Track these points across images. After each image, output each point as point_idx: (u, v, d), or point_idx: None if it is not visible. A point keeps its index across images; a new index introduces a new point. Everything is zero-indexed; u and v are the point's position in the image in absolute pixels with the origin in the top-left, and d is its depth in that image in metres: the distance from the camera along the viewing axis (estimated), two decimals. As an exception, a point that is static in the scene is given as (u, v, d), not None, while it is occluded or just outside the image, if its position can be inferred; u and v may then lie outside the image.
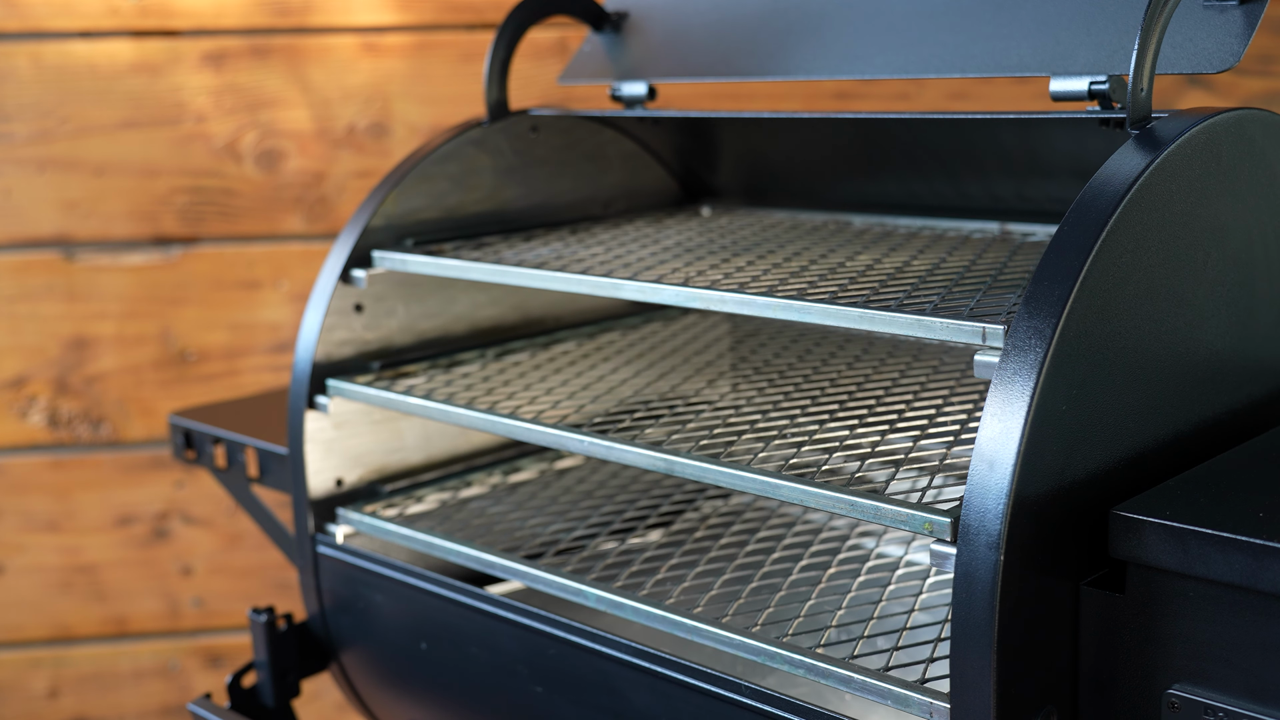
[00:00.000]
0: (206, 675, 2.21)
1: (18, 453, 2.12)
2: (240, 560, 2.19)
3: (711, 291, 1.10)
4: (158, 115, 2.07)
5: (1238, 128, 0.99)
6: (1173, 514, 0.85)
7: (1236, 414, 1.03)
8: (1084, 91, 1.06)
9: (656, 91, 1.47)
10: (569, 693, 1.14)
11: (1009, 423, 0.85)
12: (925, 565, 1.28)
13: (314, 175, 2.10)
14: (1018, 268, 1.15)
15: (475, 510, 1.40)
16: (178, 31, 2.06)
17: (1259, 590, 0.81)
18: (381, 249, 1.35)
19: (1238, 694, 0.84)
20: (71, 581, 2.17)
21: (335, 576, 1.34)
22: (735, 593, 1.17)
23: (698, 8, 1.45)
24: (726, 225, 1.46)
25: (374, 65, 2.08)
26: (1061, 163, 1.30)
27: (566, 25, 2.02)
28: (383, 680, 1.35)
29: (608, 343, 1.56)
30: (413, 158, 1.40)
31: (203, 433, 1.52)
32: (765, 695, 0.99)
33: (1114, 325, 0.90)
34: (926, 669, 0.96)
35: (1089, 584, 0.90)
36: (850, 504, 0.96)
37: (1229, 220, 1.00)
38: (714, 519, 1.42)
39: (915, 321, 0.98)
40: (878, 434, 1.16)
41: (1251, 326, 1.04)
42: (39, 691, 2.19)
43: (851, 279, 1.12)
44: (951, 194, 1.44)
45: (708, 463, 1.05)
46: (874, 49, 1.26)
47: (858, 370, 1.40)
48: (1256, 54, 2.07)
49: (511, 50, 1.44)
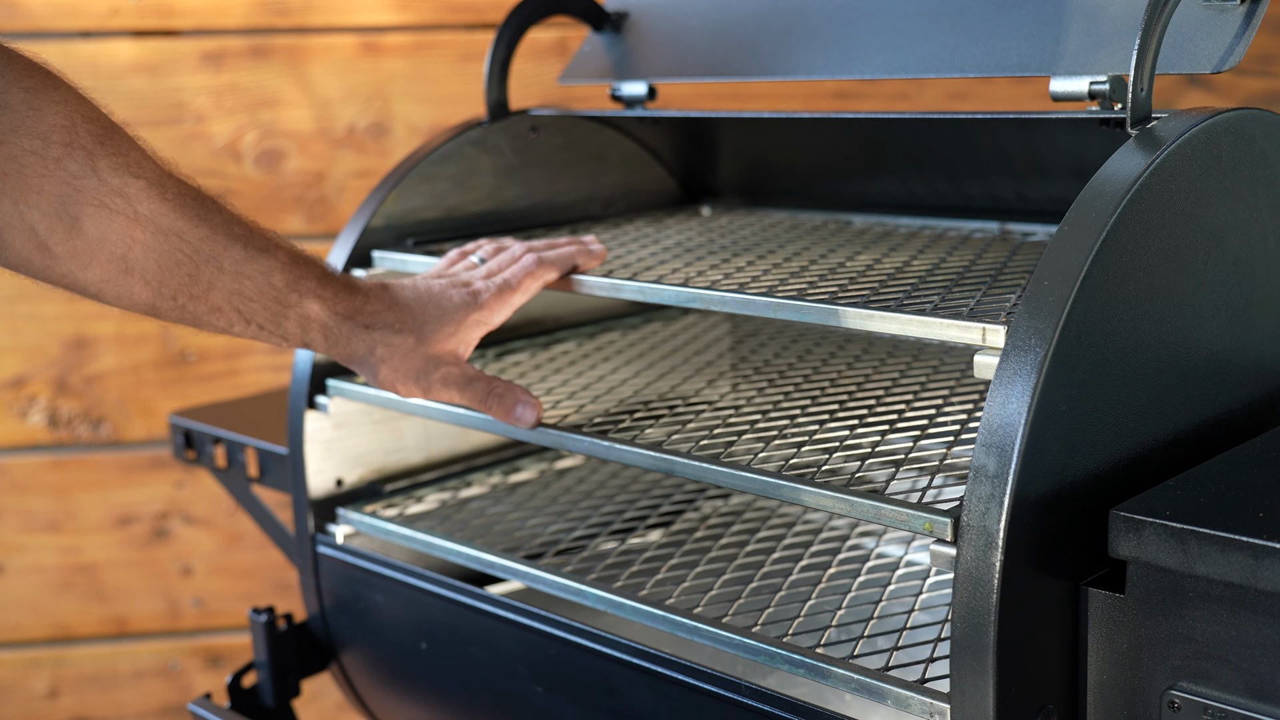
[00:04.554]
0: (206, 675, 2.21)
1: (18, 453, 2.12)
2: (240, 560, 2.19)
3: (710, 292, 1.10)
4: (158, 115, 2.07)
5: (1238, 128, 0.99)
6: (1173, 514, 0.85)
7: (1236, 414, 1.03)
8: (1084, 91, 1.06)
9: (656, 91, 1.47)
10: (569, 693, 1.14)
11: (1009, 422, 0.85)
12: (925, 565, 1.28)
13: (314, 175, 2.10)
14: (1017, 268, 1.15)
15: (475, 510, 1.40)
16: (178, 31, 2.06)
17: (1259, 590, 0.81)
18: (381, 249, 1.35)
19: (1238, 694, 0.84)
20: (71, 581, 2.17)
21: (335, 576, 1.34)
22: (735, 593, 1.18)
23: (698, 8, 1.45)
24: (726, 225, 1.46)
25: (374, 65, 2.08)
26: (1061, 163, 1.30)
27: (566, 25, 2.02)
28: (383, 680, 1.35)
29: (608, 343, 1.56)
30: (413, 158, 1.40)
31: (203, 433, 1.52)
32: (765, 695, 0.99)
33: (1114, 325, 0.90)
34: (926, 669, 0.96)
35: (1089, 584, 0.90)
36: (850, 504, 0.96)
37: (1229, 220, 1.00)
38: (714, 519, 1.42)
39: (915, 321, 0.98)
40: (878, 434, 1.16)
41: (1251, 326, 1.04)
42: (39, 691, 2.19)
43: (851, 279, 1.13)
44: (951, 194, 1.44)
45: (707, 463, 1.05)
46: (874, 49, 1.26)
47: (858, 370, 1.40)
48: (1256, 54, 2.07)
49: (511, 50, 1.44)
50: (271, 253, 1.08)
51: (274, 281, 1.08)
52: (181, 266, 1.04)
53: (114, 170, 1.00)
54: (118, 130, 1.02)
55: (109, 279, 1.02)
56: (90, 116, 1.00)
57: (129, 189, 1.00)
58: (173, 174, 1.04)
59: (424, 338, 1.14)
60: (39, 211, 0.97)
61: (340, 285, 1.12)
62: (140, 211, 1.01)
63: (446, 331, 1.14)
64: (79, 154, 0.98)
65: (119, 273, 1.02)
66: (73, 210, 0.98)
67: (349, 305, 1.12)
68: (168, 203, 1.02)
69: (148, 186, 1.01)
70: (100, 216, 0.99)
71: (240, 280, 1.06)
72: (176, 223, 1.03)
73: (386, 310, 1.13)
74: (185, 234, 1.03)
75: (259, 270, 1.07)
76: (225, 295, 1.06)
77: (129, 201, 1.00)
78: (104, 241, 1.00)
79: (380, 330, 1.13)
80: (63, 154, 0.97)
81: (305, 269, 1.10)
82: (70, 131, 0.98)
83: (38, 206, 0.97)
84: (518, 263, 1.19)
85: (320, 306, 1.10)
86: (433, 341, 1.14)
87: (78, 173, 0.98)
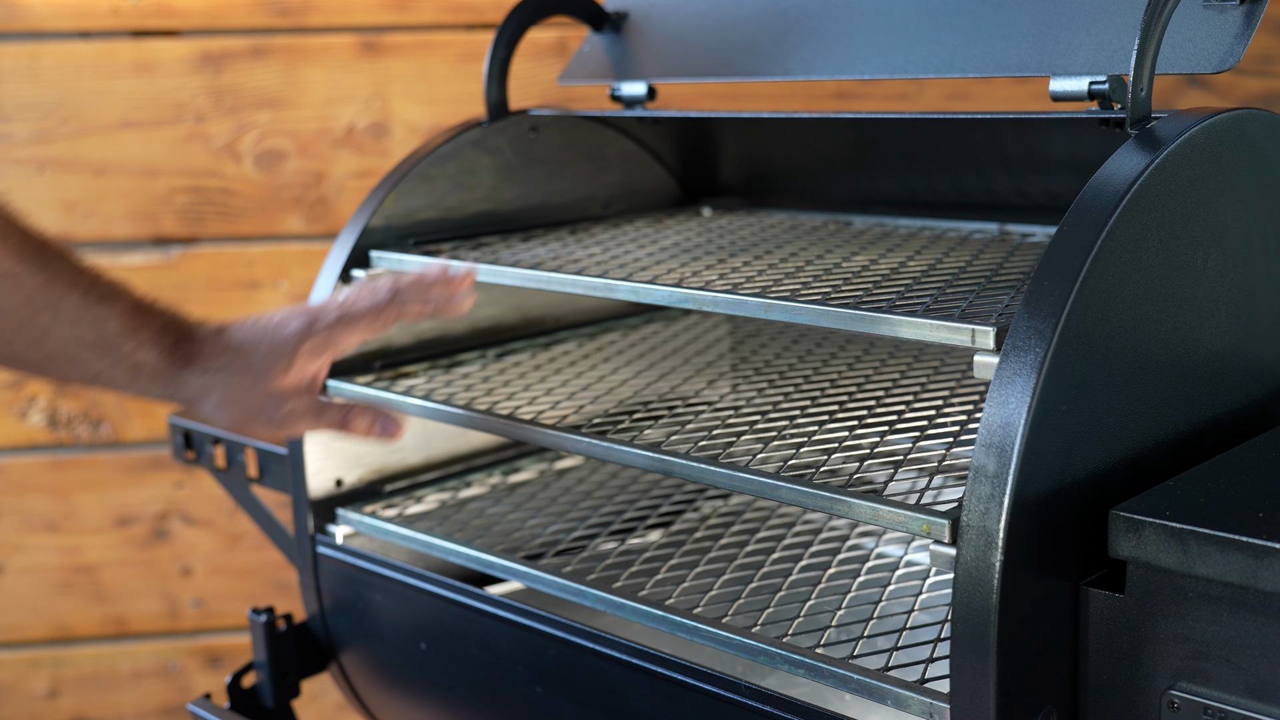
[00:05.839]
0: (206, 675, 2.21)
1: (18, 453, 2.12)
2: (240, 560, 2.19)
3: (704, 292, 1.10)
4: (157, 115, 2.07)
5: (1238, 128, 0.99)
6: (1173, 514, 0.85)
7: (1236, 414, 1.03)
8: (1084, 91, 1.06)
9: (656, 91, 1.47)
10: (569, 693, 1.14)
11: (1008, 423, 0.85)
12: (925, 565, 1.28)
13: (313, 175, 2.10)
14: (1013, 269, 1.15)
15: (475, 510, 1.40)
16: (178, 31, 2.06)
17: (1259, 590, 0.81)
18: (381, 249, 1.35)
19: (1238, 694, 0.84)
20: (71, 582, 2.17)
21: (335, 577, 1.34)
22: (735, 593, 1.17)
23: (698, 8, 1.45)
24: (726, 225, 1.46)
25: (374, 65, 2.08)
26: (1061, 163, 1.30)
27: (566, 25, 2.01)
28: (382, 681, 1.35)
29: (608, 343, 1.56)
30: (412, 158, 1.40)
31: (202, 433, 1.52)
32: (765, 695, 0.99)
33: (1114, 325, 0.90)
34: (926, 669, 0.96)
35: (1089, 584, 0.90)
36: (849, 505, 0.96)
37: (1229, 220, 1.00)
38: (714, 519, 1.42)
39: (906, 323, 0.98)
40: (877, 435, 1.16)
41: (1251, 326, 1.04)
42: (39, 692, 2.19)
43: (846, 279, 1.12)
44: (951, 194, 1.44)
45: (706, 464, 1.05)
46: (874, 49, 1.26)
47: (858, 371, 1.40)
48: (1256, 54, 2.07)
49: (511, 50, 1.44)
50: (110, 302, 1.09)
51: (109, 330, 1.09)
52: (17, 312, 1.06)
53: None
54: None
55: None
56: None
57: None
58: (18, 224, 1.07)
59: (259, 376, 1.13)
60: None
61: (180, 333, 1.12)
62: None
63: (280, 366, 1.14)
64: None
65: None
66: None
67: (187, 353, 1.12)
68: (7, 247, 1.05)
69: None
70: None
71: (76, 327, 1.08)
72: (15, 268, 1.05)
73: (221, 354, 1.13)
74: (22, 279, 1.06)
75: (95, 318, 1.08)
76: (61, 343, 1.08)
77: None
78: None
79: (217, 374, 1.13)
80: None
81: (145, 319, 1.11)
82: None
83: None
84: (372, 296, 1.17)
85: (156, 356, 1.11)
86: (268, 378, 1.14)
87: None
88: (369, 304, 1.16)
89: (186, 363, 1.12)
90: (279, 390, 1.14)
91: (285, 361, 1.13)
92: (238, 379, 1.13)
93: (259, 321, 1.16)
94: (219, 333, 1.14)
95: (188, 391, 1.13)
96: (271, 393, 1.14)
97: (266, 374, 1.13)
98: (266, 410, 1.15)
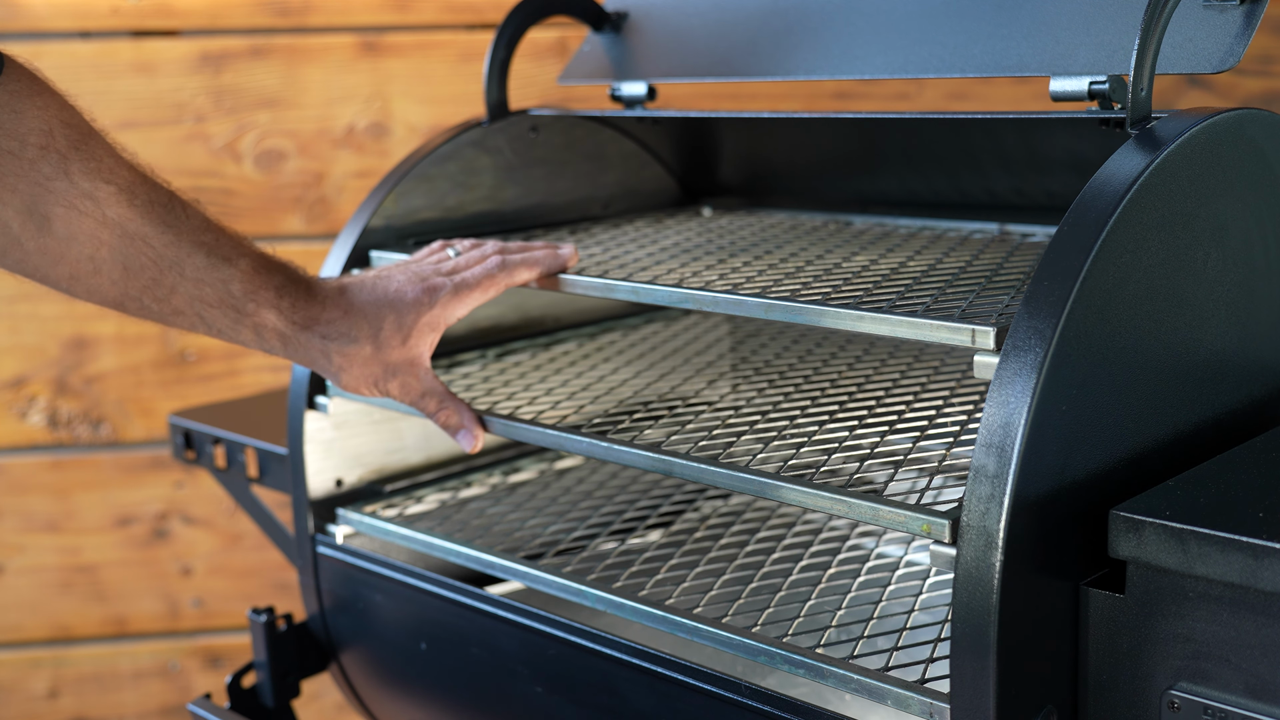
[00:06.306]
0: (206, 675, 2.21)
1: (18, 453, 2.12)
2: (240, 560, 2.19)
3: (704, 292, 1.10)
4: (157, 115, 2.07)
5: (1238, 128, 0.99)
6: (1173, 514, 0.85)
7: (1236, 414, 1.03)
8: (1084, 91, 1.06)
9: (656, 91, 1.47)
10: (569, 693, 1.14)
11: (1009, 423, 0.85)
12: (925, 565, 1.28)
13: (314, 175, 2.10)
14: (1014, 269, 1.15)
15: (475, 510, 1.40)
16: (178, 31, 2.06)
17: (1259, 590, 0.81)
18: (381, 249, 1.35)
19: (1238, 694, 0.84)
20: (71, 582, 2.17)
21: (335, 577, 1.34)
22: (735, 593, 1.17)
23: (698, 8, 1.45)
24: (726, 225, 1.46)
25: (374, 65, 2.08)
26: (1061, 163, 1.30)
27: (566, 25, 2.02)
28: (382, 680, 1.35)
29: (608, 343, 1.56)
30: (412, 158, 1.40)
31: (202, 433, 1.52)
32: (765, 695, 0.99)
33: (1114, 325, 0.90)
34: (926, 669, 0.96)
35: (1089, 584, 0.90)
36: (848, 505, 0.96)
37: (1229, 220, 1.00)
38: (714, 519, 1.42)
39: (905, 323, 0.98)
40: (878, 435, 1.16)
41: (1251, 326, 1.04)
42: (39, 692, 2.19)
43: (846, 279, 1.12)
44: (951, 194, 1.44)
45: (706, 464, 1.05)
46: (874, 49, 1.26)
47: (859, 371, 1.40)
48: (1256, 54, 2.07)
49: (511, 50, 1.44)
50: (234, 261, 1.11)
51: (232, 290, 1.10)
52: (146, 270, 1.07)
53: (86, 174, 1.03)
54: (94, 136, 1.05)
55: (78, 277, 1.05)
56: (68, 122, 1.03)
57: (99, 193, 1.03)
58: (146, 179, 1.07)
59: (380, 345, 1.16)
60: (12, 209, 1.01)
61: (299, 294, 1.14)
62: (108, 215, 1.04)
63: (400, 337, 1.16)
64: (53, 157, 1.01)
65: (88, 272, 1.05)
66: (43, 210, 1.02)
67: (305, 315, 1.14)
68: (136, 208, 1.05)
69: (117, 192, 1.04)
70: (70, 218, 1.03)
71: (201, 287, 1.09)
72: (143, 228, 1.06)
73: (342, 318, 1.15)
74: (151, 239, 1.06)
75: (219, 279, 1.10)
76: (187, 300, 1.09)
77: (98, 205, 1.03)
78: (72, 241, 1.03)
79: (336, 340, 1.15)
80: (37, 156, 1.01)
81: (265, 278, 1.12)
82: (47, 135, 1.01)
83: (11, 204, 1.01)
84: (482, 263, 1.20)
85: (276, 317, 1.13)
86: (388, 349, 1.16)
87: (50, 175, 1.01)
88: (481, 273, 1.19)
89: (306, 325, 1.14)
90: (395, 363, 1.17)
91: (405, 332, 1.16)
92: (358, 347, 1.15)
93: (377, 284, 1.17)
94: (341, 294, 1.16)
95: (312, 355, 1.16)
96: (389, 364, 1.17)
97: (387, 344, 1.16)
98: (382, 380, 1.17)
